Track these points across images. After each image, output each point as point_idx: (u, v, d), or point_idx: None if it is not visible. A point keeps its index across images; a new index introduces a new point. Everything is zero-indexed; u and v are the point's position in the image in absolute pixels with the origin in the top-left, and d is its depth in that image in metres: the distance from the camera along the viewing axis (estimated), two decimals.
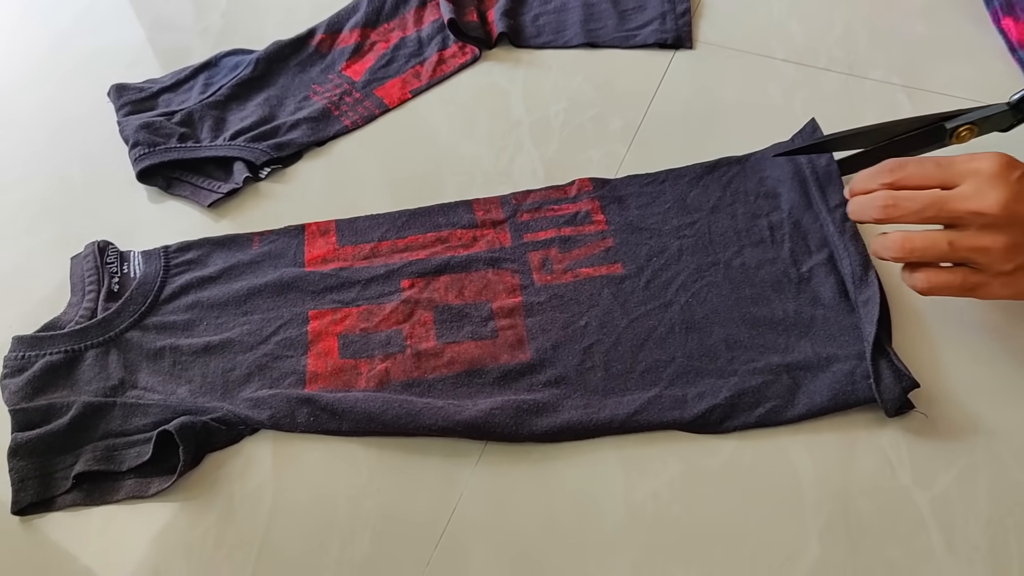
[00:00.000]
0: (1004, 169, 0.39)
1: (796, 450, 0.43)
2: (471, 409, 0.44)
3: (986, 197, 0.39)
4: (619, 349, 0.46)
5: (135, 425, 0.46)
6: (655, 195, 0.53)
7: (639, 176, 0.54)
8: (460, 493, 0.43)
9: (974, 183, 0.40)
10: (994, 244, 0.39)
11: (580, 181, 0.55)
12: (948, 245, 0.40)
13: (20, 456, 0.44)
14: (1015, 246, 0.39)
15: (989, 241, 0.39)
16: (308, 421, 0.45)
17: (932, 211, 0.40)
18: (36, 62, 0.72)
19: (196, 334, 0.50)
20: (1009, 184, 0.39)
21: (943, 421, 0.43)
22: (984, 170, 0.40)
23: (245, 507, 0.44)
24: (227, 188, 0.58)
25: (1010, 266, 0.40)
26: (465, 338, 0.48)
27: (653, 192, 0.53)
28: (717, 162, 0.54)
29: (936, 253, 0.41)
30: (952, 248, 0.40)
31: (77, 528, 0.44)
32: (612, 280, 0.49)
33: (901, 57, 0.60)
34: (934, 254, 0.41)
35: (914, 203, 0.41)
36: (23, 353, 0.48)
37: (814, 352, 0.45)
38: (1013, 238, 0.39)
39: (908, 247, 0.41)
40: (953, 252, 0.40)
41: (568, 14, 0.67)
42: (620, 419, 0.43)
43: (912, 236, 0.41)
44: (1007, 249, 0.39)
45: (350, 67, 0.66)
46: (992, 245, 0.39)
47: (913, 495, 0.41)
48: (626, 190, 0.54)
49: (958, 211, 0.40)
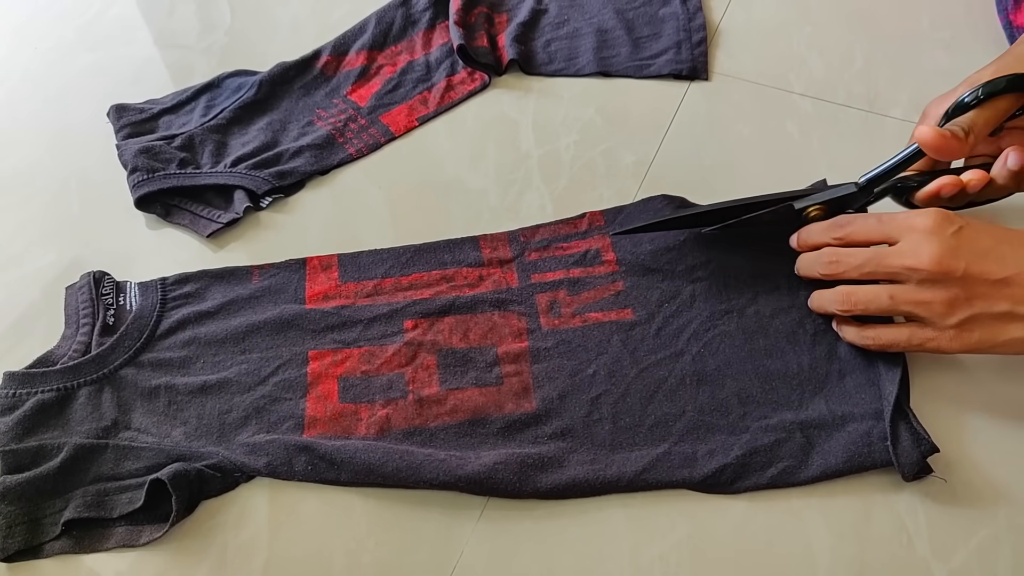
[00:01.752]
0: (939, 225, 0.40)
1: (809, 514, 0.41)
2: (474, 463, 0.42)
3: (921, 253, 0.40)
4: (628, 401, 0.45)
5: (127, 469, 0.44)
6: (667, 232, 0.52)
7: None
8: (461, 551, 0.42)
9: (911, 239, 0.41)
10: (934, 298, 0.40)
11: (591, 214, 0.53)
12: (889, 299, 0.41)
13: (8, 501, 0.43)
14: (954, 300, 0.40)
15: (929, 295, 0.40)
16: (306, 470, 0.43)
17: (870, 267, 0.42)
18: (37, 77, 0.70)
19: (192, 372, 0.48)
20: (944, 239, 0.40)
21: (962, 488, 0.41)
22: (919, 226, 0.41)
23: (239, 559, 0.42)
24: (227, 218, 0.56)
25: (954, 320, 0.40)
26: (469, 384, 0.46)
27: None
28: None
29: (878, 307, 0.42)
30: (893, 301, 0.41)
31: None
32: (622, 326, 0.48)
33: (923, 93, 0.59)
34: (876, 307, 0.42)
35: (854, 259, 0.43)
36: (14, 391, 0.47)
37: (829, 410, 0.43)
38: (951, 292, 0.40)
39: (852, 300, 0.43)
40: (894, 305, 0.41)
41: (581, 40, 0.65)
42: (628, 477, 0.42)
43: (855, 290, 0.43)
44: (947, 304, 0.40)
45: (355, 91, 0.64)
46: (932, 299, 0.40)
47: (931, 568, 0.39)
48: (640, 220, 0.52)
49: (894, 267, 0.41)
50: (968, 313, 0.40)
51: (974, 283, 0.39)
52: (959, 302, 0.40)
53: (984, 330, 0.40)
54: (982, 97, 0.43)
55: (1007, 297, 0.39)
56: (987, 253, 0.39)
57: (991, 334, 0.40)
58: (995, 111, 0.44)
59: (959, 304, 0.40)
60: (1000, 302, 0.39)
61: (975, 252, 0.40)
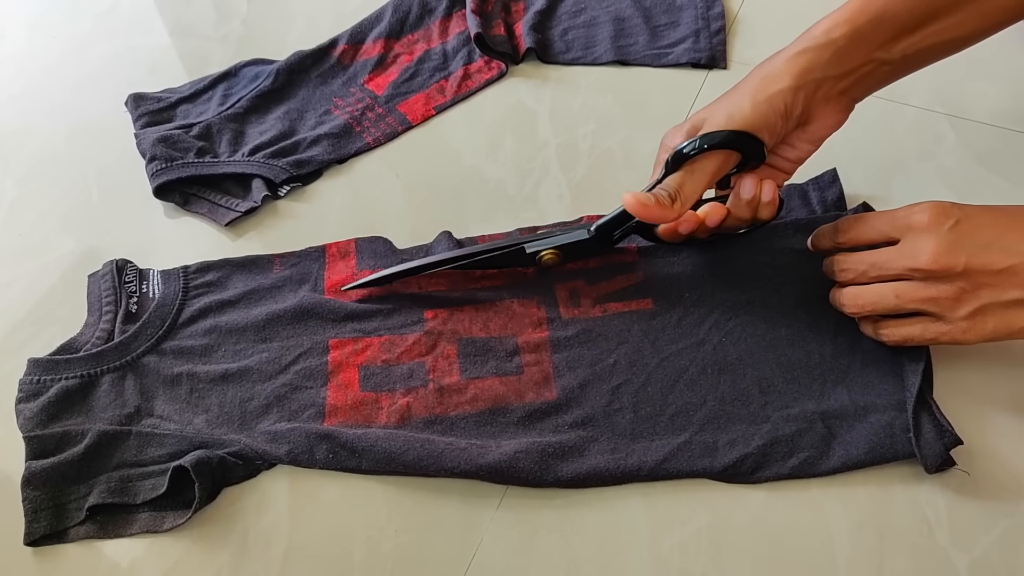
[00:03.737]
0: (936, 219, 0.39)
1: (829, 503, 0.41)
2: (494, 452, 0.42)
3: (919, 252, 0.39)
4: (648, 390, 0.45)
5: (150, 456, 0.45)
6: None
7: None
8: (480, 539, 0.42)
9: (910, 238, 0.40)
10: (939, 294, 0.39)
11: (588, 218, 0.53)
12: (895, 298, 0.41)
13: (33, 486, 0.44)
14: (960, 293, 0.39)
15: (934, 292, 0.40)
16: (327, 458, 0.44)
17: (875, 271, 0.42)
18: (56, 68, 0.70)
19: (214, 361, 0.48)
20: (940, 236, 0.39)
21: (984, 479, 0.41)
22: (916, 224, 0.40)
23: (259, 546, 0.43)
24: (245, 207, 0.56)
25: (964, 312, 0.39)
26: (489, 373, 0.46)
27: None
28: None
29: (886, 306, 0.41)
30: (900, 300, 0.41)
31: (87, 562, 0.43)
32: (642, 316, 0.47)
33: (945, 82, 0.58)
34: (885, 307, 0.42)
35: (860, 265, 0.42)
36: (38, 377, 0.47)
37: (851, 400, 0.43)
38: (956, 287, 0.39)
39: (860, 302, 0.42)
40: (902, 304, 0.41)
41: (598, 29, 0.65)
42: (648, 466, 0.42)
43: (862, 291, 0.42)
44: (954, 298, 0.39)
45: (372, 80, 0.64)
46: (937, 295, 0.40)
47: (952, 557, 0.39)
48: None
49: (896, 269, 0.41)
50: (976, 304, 0.39)
51: (978, 275, 0.39)
52: (965, 295, 0.39)
53: (998, 319, 0.39)
54: (696, 150, 0.41)
55: (1016, 285, 0.38)
56: (989, 244, 0.39)
57: (1006, 322, 0.39)
58: (706, 172, 0.42)
59: (966, 297, 0.39)
60: (1009, 290, 0.39)
61: (975, 244, 0.39)
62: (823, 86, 0.42)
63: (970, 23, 0.41)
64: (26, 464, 0.44)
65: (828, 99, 0.43)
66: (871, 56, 0.42)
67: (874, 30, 0.41)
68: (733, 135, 0.41)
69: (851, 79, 0.42)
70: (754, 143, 0.42)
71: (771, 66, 0.42)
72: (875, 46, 0.41)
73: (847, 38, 0.41)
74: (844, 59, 0.41)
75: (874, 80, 0.43)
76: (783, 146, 0.45)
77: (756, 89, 0.42)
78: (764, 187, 0.44)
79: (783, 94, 0.41)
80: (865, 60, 0.42)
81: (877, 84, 0.44)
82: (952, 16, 0.41)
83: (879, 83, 0.44)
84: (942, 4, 0.41)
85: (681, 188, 0.41)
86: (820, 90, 0.42)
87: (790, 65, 0.41)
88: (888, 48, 0.42)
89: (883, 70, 0.43)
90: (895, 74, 0.43)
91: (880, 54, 0.42)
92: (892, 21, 0.41)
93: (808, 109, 0.42)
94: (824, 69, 0.41)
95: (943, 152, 0.55)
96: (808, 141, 0.44)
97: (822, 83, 0.42)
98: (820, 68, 0.41)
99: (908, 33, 0.41)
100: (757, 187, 0.44)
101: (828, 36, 0.41)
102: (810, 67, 0.41)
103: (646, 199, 0.40)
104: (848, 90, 0.43)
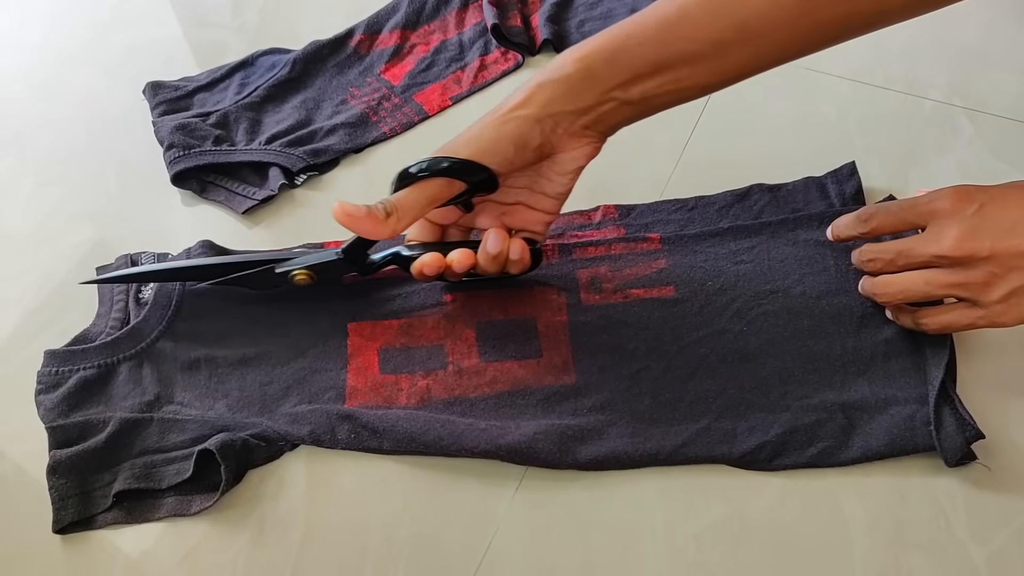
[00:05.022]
0: (958, 204, 0.39)
1: (846, 494, 0.41)
2: (514, 433, 0.42)
3: (943, 239, 0.39)
4: (668, 376, 0.45)
5: (172, 441, 0.45)
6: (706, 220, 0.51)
7: (667, 202, 0.53)
8: (497, 526, 0.42)
9: (934, 224, 0.40)
10: (968, 279, 0.39)
11: (605, 207, 0.53)
12: (925, 284, 0.41)
13: (60, 474, 0.43)
14: (990, 277, 0.39)
15: (963, 277, 0.39)
16: (349, 438, 0.44)
17: (902, 260, 0.41)
18: (73, 57, 0.71)
19: (231, 345, 0.48)
20: (964, 221, 0.39)
21: (1002, 473, 0.41)
22: (939, 210, 0.40)
23: (277, 531, 0.42)
24: (262, 195, 0.56)
25: (997, 295, 0.39)
26: (508, 357, 0.46)
27: (683, 220, 0.52)
28: (748, 190, 0.52)
29: (916, 293, 0.41)
30: (929, 287, 0.40)
31: (107, 547, 0.43)
32: (664, 303, 0.47)
33: (963, 76, 0.58)
34: (916, 294, 0.41)
35: (886, 254, 0.42)
36: (56, 368, 0.47)
37: (872, 392, 0.43)
38: (985, 271, 0.39)
39: (891, 291, 0.42)
40: (932, 291, 0.41)
41: (615, 21, 0.65)
42: (667, 451, 0.42)
43: (891, 280, 0.42)
44: (984, 282, 0.39)
45: (389, 70, 0.64)
46: (966, 280, 0.39)
47: (969, 551, 0.39)
48: (653, 217, 0.52)
49: (923, 256, 0.40)
50: (1008, 288, 0.39)
51: (1005, 258, 0.38)
52: (995, 279, 0.39)
53: None
54: (421, 172, 0.41)
55: None
56: (1014, 226, 0.38)
57: None
58: (426, 194, 0.41)
59: (996, 280, 0.39)
60: None
61: (1000, 228, 0.38)
62: (563, 120, 0.41)
63: (704, 75, 0.41)
64: (50, 453, 0.44)
65: (571, 133, 0.41)
66: (608, 95, 0.40)
67: (607, 69, 0.40)
68: (458, 163, 0.40)
69: (591, 115, 0.41)
70: (482, 172, 0.41)
71: (517, 95, 0.41)
72: (611, 86, 0.40)
73: (580, 75, 0.40)
74: (579, 95, 0.40)
75: (617, 117, 0.42)
76: (539, 180, 0.44)
77: (498, 118, 0.41)
78: (512, 245, 0.43)
79: (520, 124, 0.40)
80: (602, 98, 0.41)
81: (622, 121, 0.42)
82: (688, 68, 0.40)
83: (624, 120, 0.42)
84: (676, 57, 0.40)
85: (399, 205, 0.40)
86: (561, 124, 0.41)
87: (531, 95, 0.41)
88: (626, 89, 0.40)
89: (626, 109, 0.41)
90: (641, 113, 0.42)
91: (618, 93, 0.40)
92: (625, 64, 0.40)
93: (550, 142, 0.41)
94: (561, 103, 0.40)
95: (961, 145, 0.55)
96: (560, 174, 0.43)
97: (561, 117, 0.41)
98: (558, 102, 0.40)
99: (644, 78, 0.40)
100: (504, 243, 0.43)
101: (563, 71, 0.40)
102: (548, 100, 0.40)
103: (355, 210, 0.39)
104: (591, 125, 0.41)
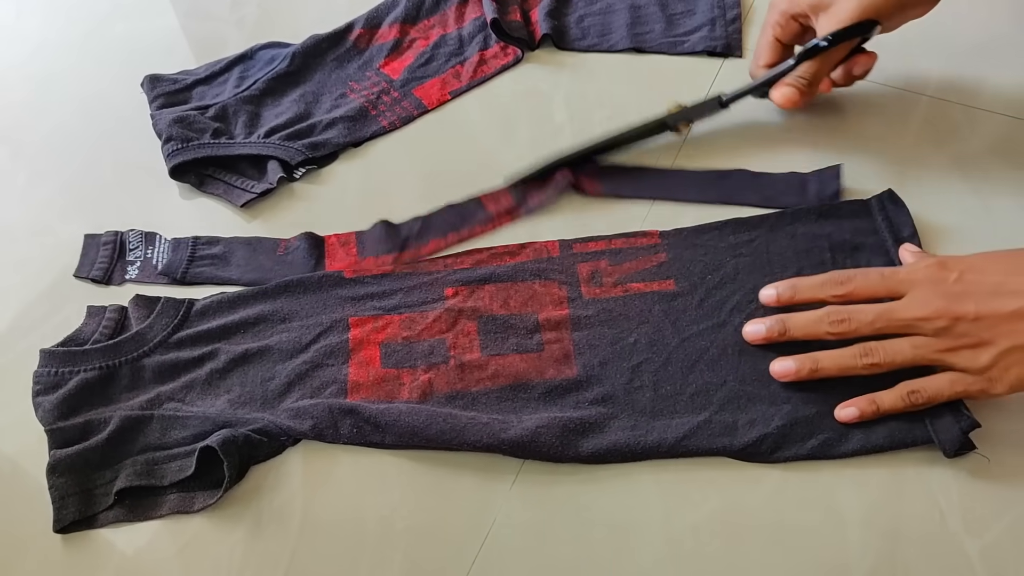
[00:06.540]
0: (940, 272, 0.41)
1: (842, 486, 0.41)
2: (517, 427, 0.42)
3: (928, 303, 0.40)
4: (669, 369, 0.45)
5: (174, 438, 0.44)
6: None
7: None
8: (493, 518, 0.42)
9: (917, 292, 0.41)
10: (955, 344, 0.40)
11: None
12: (913, 349, 0.41)
13: (59, 473, 0.43)
14: (977, 343, 0.39)
15: (950, 343, 0.40)
16: (351, 433, 0.44)
17: (882, 322, 0.41)
18: (72, 48, 0.70)
19: (233, 342, 0.48)
20: (947, 288, 0.40)
21: (996, 465, 0.41)
22: (921, 278, 0.41)
23: (274, 524, 0.42)
24: (261, 188, 0.56)
25: (987, 358, 0.39)
26: (510, 351, 0.46)
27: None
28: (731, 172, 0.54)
29: (903, 359, 0.41)
30: (917, 352, 0.41)
31: (103, 540, 0.42)
32: (664, 297, 0.48)
33: (959, 72, 0.59)
34: (902, 360, 0.41)
35: (865, 316, 0.42)
36: (55, 369, 0.47)
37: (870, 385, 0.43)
38: (971, 336, 0.39)
39: (876, 355, 0.41)
40: (919, 356, 0.41)
41: (614, 16, 0.65)
42: (668, 443, 0.42)
43: (877, 346, 0.41)
44: (972, 348, 0.39)
45: (388, 64, 0.64)
46: (954, 345, 0.40)
47: (963, 543, 0.39)
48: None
49: (906, 319, 0.41)
50: (996, 351, 0.39)
51: (991, 320, 0.39)
52: (983, 344, 0.39)
53: (1021, 366, 0.39)
54: (831, 44, 0.49)
55: None
56: (996, 290, 0.39)
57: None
58: (833, 63, 0.51)
59: (983, 346, 0.39)
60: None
61: (982, 292, 0.40)
62: None
63: None
64: (50, 453, 0.44)
65: None
66: None
67: None
68: (863, 24, 0.49)
69: None
70: (873, 27, 0.49)
71: None
72: None
73: None
74: None
75: None
76: None
77: None
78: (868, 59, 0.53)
79: None
80: None
81: None
82: None
83: None
84: None
85: (816, 77, 0.51)
86: None
87: None
88: None
89: None
90: None
91: None
92: None
93: None
94: None
95: (957, 141, 0.55)
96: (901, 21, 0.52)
97: None
98: None
99: None
100: (870, 64, 0.53)
101: None
102: None
103: (792, 94, 0.51)
104: None
